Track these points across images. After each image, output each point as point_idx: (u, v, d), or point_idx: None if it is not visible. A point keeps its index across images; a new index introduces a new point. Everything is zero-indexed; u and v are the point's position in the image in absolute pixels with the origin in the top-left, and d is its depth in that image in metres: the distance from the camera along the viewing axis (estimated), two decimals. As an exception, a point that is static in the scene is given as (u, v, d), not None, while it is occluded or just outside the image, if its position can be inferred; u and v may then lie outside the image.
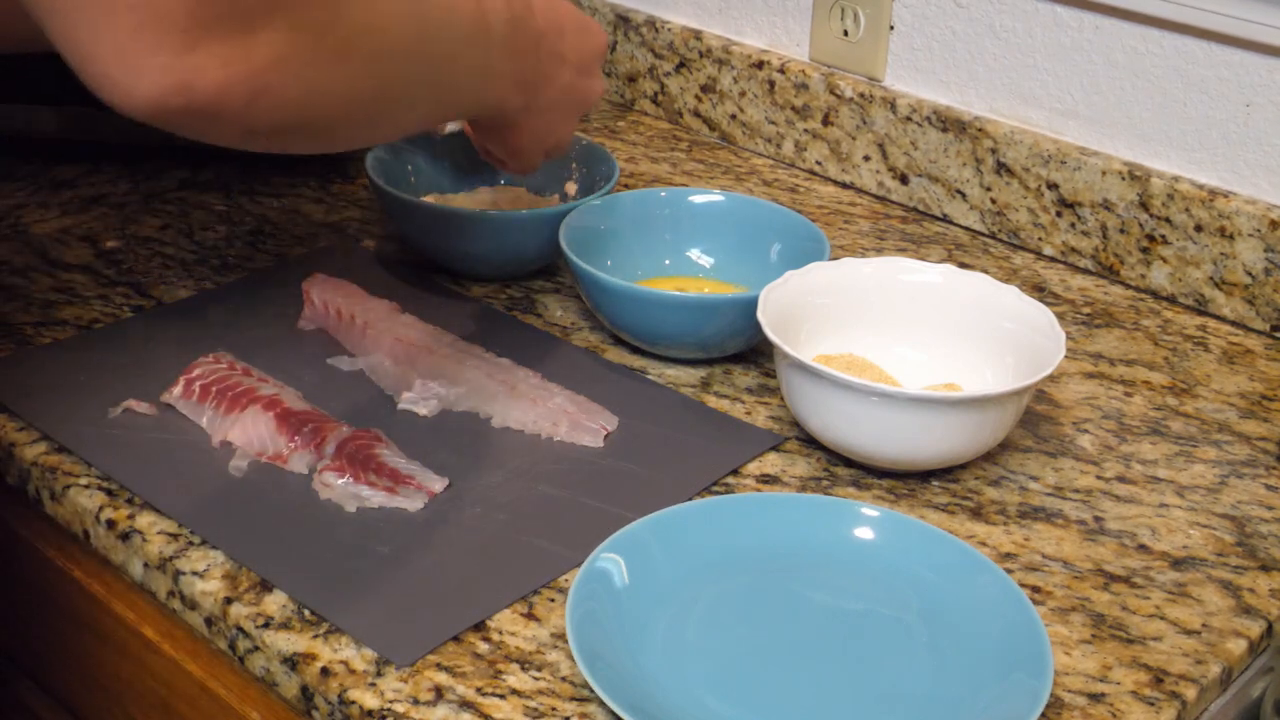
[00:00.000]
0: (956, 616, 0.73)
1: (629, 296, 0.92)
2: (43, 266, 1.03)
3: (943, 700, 0.69)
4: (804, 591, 0.76)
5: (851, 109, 1.21)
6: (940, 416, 0.80)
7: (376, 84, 0.70)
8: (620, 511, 0.80)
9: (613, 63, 1.38)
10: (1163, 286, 1.07)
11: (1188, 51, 1.04)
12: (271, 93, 0.62)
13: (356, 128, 0.74)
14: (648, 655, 0.70)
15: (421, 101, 0.78)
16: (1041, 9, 1.10)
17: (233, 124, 0.62)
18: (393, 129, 0.80)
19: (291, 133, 0.67)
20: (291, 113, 0.65)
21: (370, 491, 0.80)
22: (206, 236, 1.09)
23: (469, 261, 1.03)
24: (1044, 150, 1.11)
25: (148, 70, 0.58)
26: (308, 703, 0.70)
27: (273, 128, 0.65)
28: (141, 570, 0.78)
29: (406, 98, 0.75)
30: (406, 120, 0.79)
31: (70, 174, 1.17)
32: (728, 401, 0.92)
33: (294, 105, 0.64)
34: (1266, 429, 0.92)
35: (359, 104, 0.70)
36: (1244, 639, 0.74)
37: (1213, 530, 0.82)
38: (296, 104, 0.65)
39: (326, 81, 0.66)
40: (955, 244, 1.14)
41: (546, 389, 0.89)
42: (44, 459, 0.84)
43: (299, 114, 0.66)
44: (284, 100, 0.63)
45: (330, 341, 0.95)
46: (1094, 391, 0.95)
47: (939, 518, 0.82)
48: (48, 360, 0.91)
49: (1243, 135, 1.03)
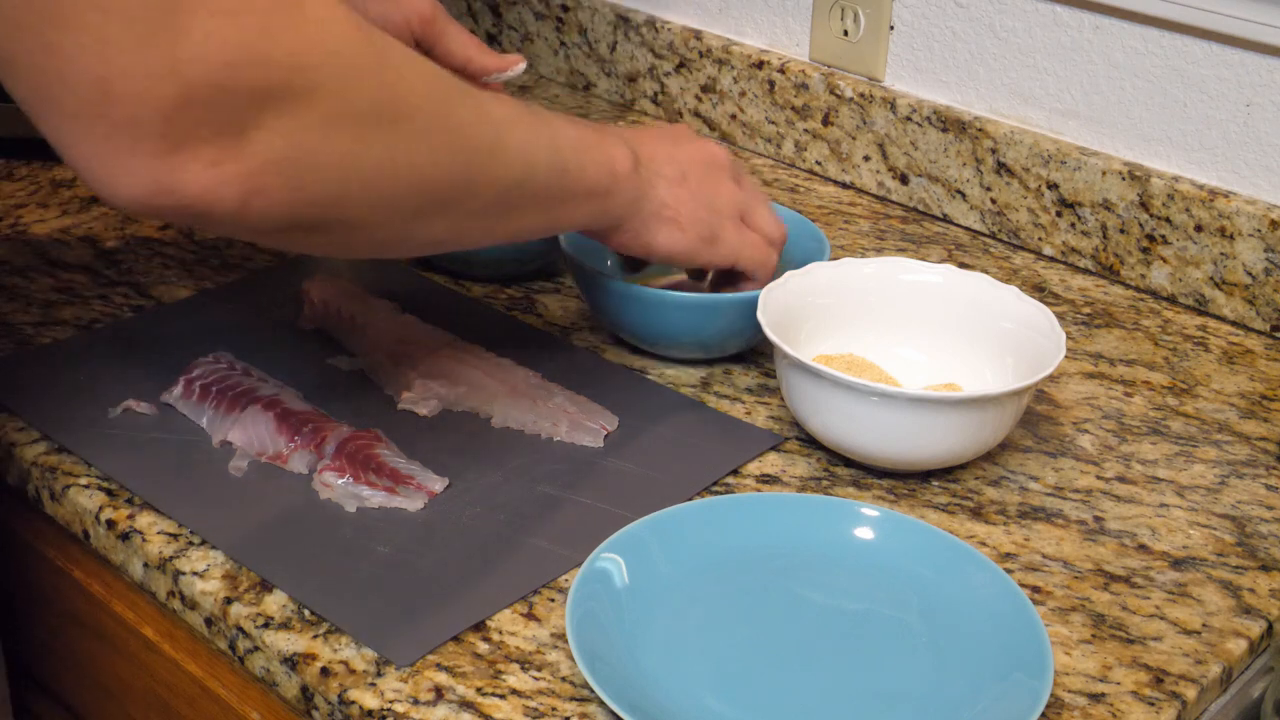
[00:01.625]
0: (956, 616, 0.73)
1: (629, 296, 0.92)
2: (43, 266, 1.03)
3: (943, 700, 0.69)
4: (804, 591, 0.75)
5: (851, 109, 1.21)
6: (940, 416, 0.80)
7: (402, 185, 0.67)
8: (620, 511, 0.80)
9: (613, 62, 1.38)
10: (1163, 286, 1.07)
11: (1188, 51, 1.04)
12: (268, 193, 0.60)
13: (389, 231, 0.69)
14: (648, 655, 0.70)
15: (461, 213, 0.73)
16: (1041, 9, 1.10)
17: (230, 224, 0.61)
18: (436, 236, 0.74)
19: (304, 231, 0.65)
20: (298, 213, 0.63)
21: (370, 491, 0.80)
22: (206, 236, 1.09)
23: (469, 261, 1.03)
24: (1044, 150, 1.11)
25: (126, 172, 0.57)
26: (308, 703, 0.70)
27: (276, 227, 0.63)
28: (141, 570, 0.78)
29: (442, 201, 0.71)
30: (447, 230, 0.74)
31: (70, 174, 1.17)
32: (728, 401, 0.92)
33: (299, 205, 0.62)
34: (1266, 429, 0.92)
35: (384, 207, 0.67)
36: (1244, 639, 0.74)
37: (1213, 530, 0.82)
38: (302, 204, 0.62)
39: (337, 182, 0.63)
40: (955, 244, 1.14)
41: (546, 389, 0.89)
42: (44, 459, 0.84)
43: (308, 214, 0.63)
44: (285, 200, 0.61)
45: (330, 341, 0.95)
46: (1094, 391, 0.95)
47: (939, 518, 0.82)
48: (48, 360, 0.91)
49: (1243, 135, 1.03)
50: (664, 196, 0.87)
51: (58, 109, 0.56)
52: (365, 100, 0.63)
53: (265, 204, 0.61)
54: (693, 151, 0.91)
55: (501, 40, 1.47)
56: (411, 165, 0.67)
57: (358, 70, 0.63)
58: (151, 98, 0.55)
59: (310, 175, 0.62)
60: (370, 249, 0.73)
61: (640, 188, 0.85)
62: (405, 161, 0.67)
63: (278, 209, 0.61)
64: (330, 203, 0.64)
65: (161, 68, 0.55)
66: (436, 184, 0.70)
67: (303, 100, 0.60)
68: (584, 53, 1.40)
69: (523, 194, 0.77)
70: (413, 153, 0.67)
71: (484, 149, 0.73)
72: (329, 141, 0.62)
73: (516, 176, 0.76)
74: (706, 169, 0.90)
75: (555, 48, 1.43)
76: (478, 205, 0.74)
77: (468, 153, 0.72)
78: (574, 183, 0.80)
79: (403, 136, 0.66)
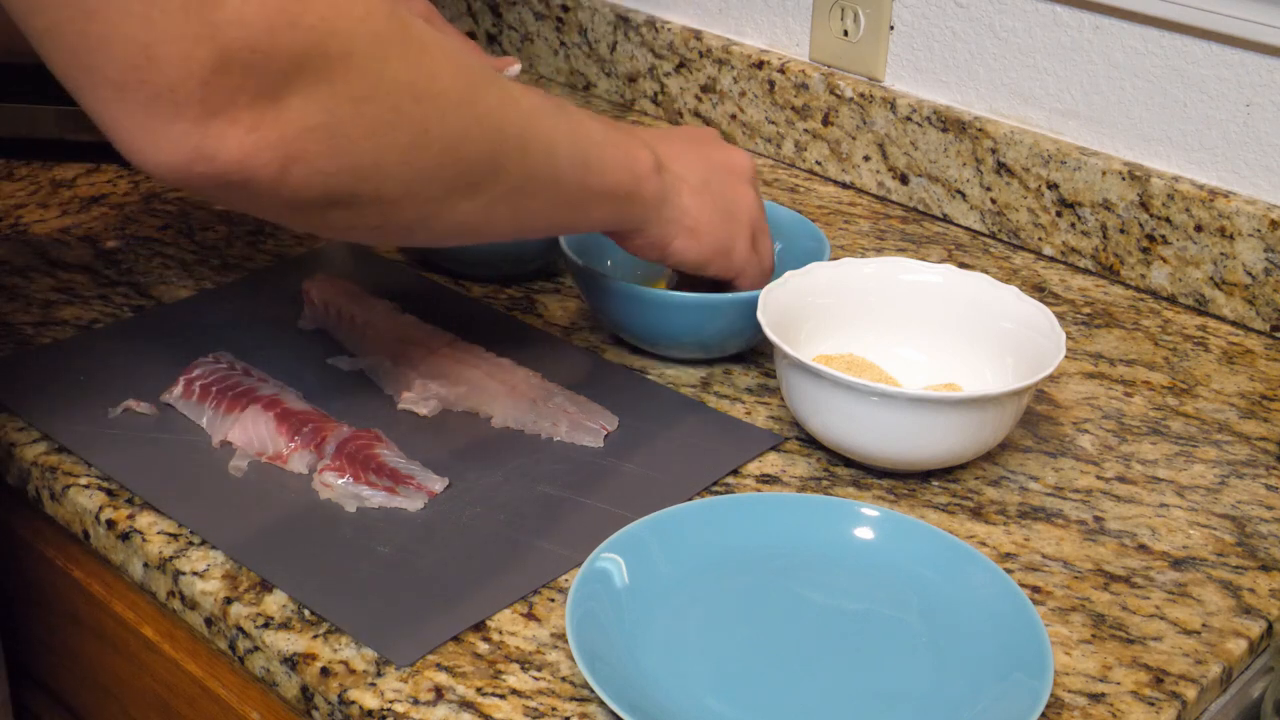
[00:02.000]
0: (956, 616, 0.73)
1: (629, 296, 0.92)
2: (43, 266, 1.03)
3: (943, 700, 0.69)
4: (804, 591, 0.75)
5: (851, 109, 1.21)
6: (940, 416, 0.80)
7: (433, 160, 0.67)
8: (620, 511, 0.80)
9: (613, 62, 1.38)
10: (1163, 286, 1.07)
11: (1188, 51, 1.04)
12: (306, 160, 0.61)
13: (420, 209, 0.69)
14: (648, 655, 0.70)
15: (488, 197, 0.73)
16: (1041, 9, 1.10)
17: (268, 194, 0.61)
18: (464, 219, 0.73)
19: (340, 207, 0.65)
20: (335, 183, 0.63)
21: (370, 491, 0.80)
22: (206, 236, 1.09)
23: (469, 261, 1.03)
24: (1044, 150, 1.11)
25: (166, 139, 0.57)
26: (308, 703, 0.70)
27: (315, 200, 0.63)
28: (141, 570, 0.78)
29: (472, 182, 0.71)
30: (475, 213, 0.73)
31: (70, 174, 1.17)
32: (728, 401, 0.92)
33: (336, 175, 0.63)
34: (1266, 429, 0.92)
35: (417, 182, 0.67)
36: (1244, 639, 0.74)
37: (1213, 530, 0.82)
38: (339, 174, 0.63)
39: (371, 152, 0.64)
40: (955, 244, 1.14)
41: (546, 389, 0.89)
42: (44, 459, 0.84)
43: (343, 185, 0.63)
44: (322, 169, 0.62)
45: (330, 341, 0.95)
46: (1094, 391, 0.95)
47: (939, 518, 0.82)
48: (48, 360, 0.91)
49: (1243, 135, 1.03)
50: (685, 204, 0.86)
51: (100, 78, 0.56)
52: (396, 71, 0.64)
53: (304, 172, 0.61)
54: (719, 158, 0.90)
55: (501, 40, 1.47)
56: (443, 139, 0.67)
57: (387, 41, 0.63)
58: (191, 62, 0.56)
59: (346, 144, 0.62)
60: (401, 230, 0.72)
61: (663, 192, 0.85)
62: (437, 135, 0.67)
63: (316, 178, 0.62)
64: (366, 174, 0.64)
65: (200, 32, 0.55)
66: (466, 161, 0.70)
67: (337, 67, 0.60)
68: (584, 53, 1.40)
69: (547, 184, 0.76)
70: (444, 127, 0.67)
71: (511, 133, 0.72)
72: (363, 112, 0.62)
73: (541, 164, 0.75)
74: (729, 176, 0.90)
75: (555, 48, 1.43)
76: (503, 189, 0.73)
77: (495, 134, 0.71)
78: (596, 180, 0.80)
79: (434, 110, 0.67)
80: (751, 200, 0.91)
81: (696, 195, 0.87)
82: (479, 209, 0.73)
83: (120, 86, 0.56)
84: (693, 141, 0.91)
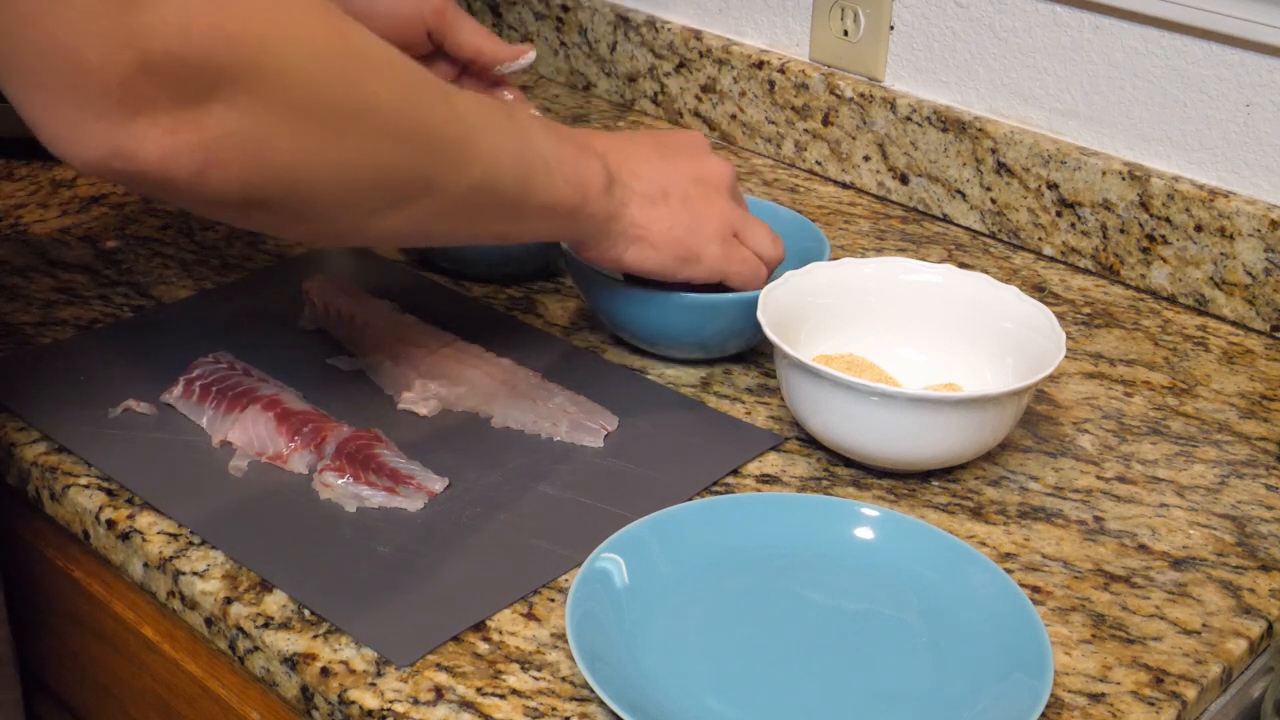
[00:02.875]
0: (956, 616, 0.73)
1: (629, 296, 0.92)
2: (43, 266, 1.03)
3: (943, 700, 0.69)
4: (804, 591, 0.75)
5: (851, 109, 1.21)
6: (940, 416, 0.80)
7: (363, 178, 0.68)
8: (620, 511, 0.80)
9: (613, 62, 1.38)
10: (1163, 286, 1.07)
11: (1188, 51, 1.04)
12: (224, 165, 0.61)
13: (349, 221, 0.70)
14: (648, 655, 0.70)
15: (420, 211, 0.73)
16: (1041, 9, 1.10)
17: (186, 193, 0.62)
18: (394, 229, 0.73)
19: (261, 209, 0.65)
20: (254, 190, 0.63)
21: (370, 491, 0.80)
22: (206, 236, 1.09)
23: (469, 261, 1.03)
24: (1044, 150, 1.11)
25: (87, 136, 0.58)
26: (308, 703, 0.70)
27: (234, 202, 0.63)
28: (141, 570, 0.78)
29: (402, 195, 0.71)
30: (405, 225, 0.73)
31: (70, 174, 1.17)
32: (728, 401, 0.92)
33: (256, 183, 0.63)
34: (1266, 429, 0.92)
35: (343, 196, 0.68)
36: (1244, 639, 0.74)
37: (1213, 530, 0.82)
38: (259, 182, 0.63)
39: (295, 165, 0.64)
40: (955, 244, 1.14)
41: (546, 389, 0.89)
42: (44, 459, 0.84)
43: (264, 193, 0.64)
44: (240, 176, 0.62)
45: (330, 341, 0.95)
46: (1094, 391, 0.95)
47: (939, 518, 0.82)
48: (48, 360, 0.91)
49: (1243, 135, 1.03)
50: (635, 216, 0.86)
51: (32, 80, 0.58)
52: (326, 88, 0.64)
53: (222, 177, 0.61)
54: (686, 168, 0.89)
55: (501, 40, 1.47)
56: (372, 160, 0.68)
57: (320, 57, 0.64)
58: (114, 65, 0.57)
59: (268, 155, 0.63)
60: (328, 237, 0.74)
61: (611, 208, 0.84)
62: (365, 154, 0.67)
63: (233, 184, 0.62)
64: (287, 185, 0.65)
65: (124, 37, 0.57)
66: (396, 181, 0.70)
67: (262, 79, 0.61)
68: (584, 53, 1.40)
69: (485, 200, 0.76)
70: (374, 148, 0.67)
71: (450, 150, 0.72)
72: (288, 124, 0.63)
73: (479, 181, 0.75)
74: (695, 186, 0.89)
75: (555, 48, 1.43)
76: (437, 206, 0.73)
77: (432, 153, 0.71)
78: (539, 196, 0.79)
79: (364, 130, 0.67)
80: (722, 207, 0.90)
81: (651, 206, 0.87)
82: (409, 221, 0.73)
83: (51, 90, 0.58)
84: (663, 149, 0.90)
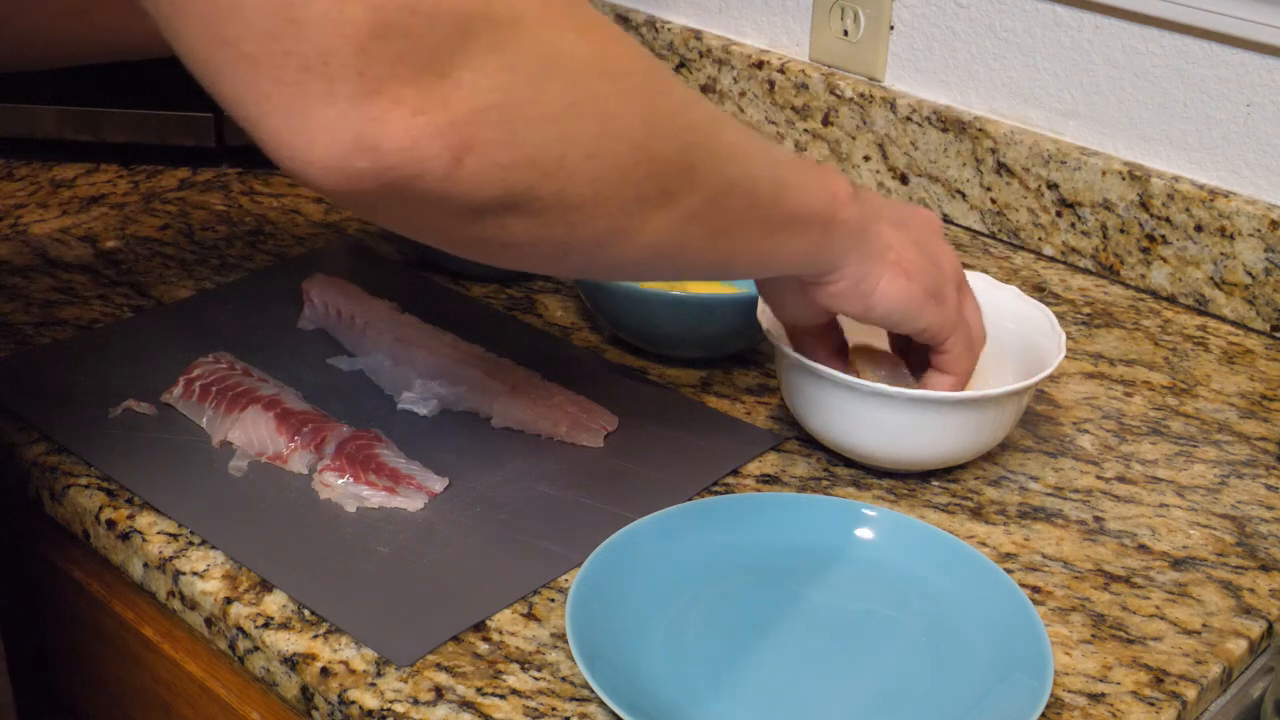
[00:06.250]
0: (956, 616, 0.73)
1: (629, 296, 0.92)
2: (43, 266, 1.03)
3: (943, 700, 0.69)
4: (804, 591, 0.75)
5: (851, 109, 1.21)
6: (940, 416, 0.80)
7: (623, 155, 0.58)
8: (620, 511, 0.80)
9: (613, 63, 1.37)
10: (1163, 286, 1.07)
11: (1188, 51, 1.04)
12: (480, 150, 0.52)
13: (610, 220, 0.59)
14: (648, 655, 0.70)
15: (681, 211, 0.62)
16: (1041, 9, 1.10)
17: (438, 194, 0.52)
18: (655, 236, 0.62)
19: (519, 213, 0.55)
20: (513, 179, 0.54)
21: (370, 491, 0.80)
22: (206, 236, 1.09)
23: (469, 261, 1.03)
24: (1044, 150, 1.11)
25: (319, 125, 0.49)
26: (308, 703, 0.70)
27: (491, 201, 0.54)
28: (141, 570, 0.78)
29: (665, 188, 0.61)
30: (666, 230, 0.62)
31: (70, 174, 1.17)
32: (728, 401, 0.92)
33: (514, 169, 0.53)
34: (1266, 429, 0.92)
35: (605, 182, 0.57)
36: (1244, 639, 0.74)
37: (1213, 530, 0.82)
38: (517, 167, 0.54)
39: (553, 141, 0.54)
40: (955, 244, 1.14)
41: (546, 389, 0.89)
42: (44, 459, 0.84)
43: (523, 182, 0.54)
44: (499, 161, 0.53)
45: (330, 341, 0.95)
46: (1094, 391, 0.95)
47: (939, 518, 0.82)
48: (48, 360, 0.91)
49: (1243, 135, 1.03)
50: (887, 236, 0.74)
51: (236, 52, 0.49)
52: (572, 44, 0.55)
53: (478, 165, 0.52)
54: (905, 206, 0.80)
55: (501, 40, 1.47)
56: (631, 130, 0.58)
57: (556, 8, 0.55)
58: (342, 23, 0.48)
59: (525, 129, 0.53)
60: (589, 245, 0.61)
61: (864, 216, 0.73)
62: (625, 124, 0.58)
63: (493, 173, 0.53)
64: (548, 168, 0.55)
65: None
66: (659, 160, 0.60)
67: (507, 33, 0.52)
68: (584, 53, 1.40)
69: (742, 203, 0.66)
70: (632, 115, 0.58)
71: (701, 133, 0.63)
72: (541, 88, 0.54)
73: (736, 174, 0.65)
74: (923, 225, 0.79)
75: (555, 48, 1.42)
76: (699, 200, 0.63)
77: (686, 131, 0.62)
78: (794, 200, 0.69)
79: (619, 93, 0.57)
80: (952, 254, 0.79)
81: (898, 229, 0.75)
82: (673, 224, 0.63)
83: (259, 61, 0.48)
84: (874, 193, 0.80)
